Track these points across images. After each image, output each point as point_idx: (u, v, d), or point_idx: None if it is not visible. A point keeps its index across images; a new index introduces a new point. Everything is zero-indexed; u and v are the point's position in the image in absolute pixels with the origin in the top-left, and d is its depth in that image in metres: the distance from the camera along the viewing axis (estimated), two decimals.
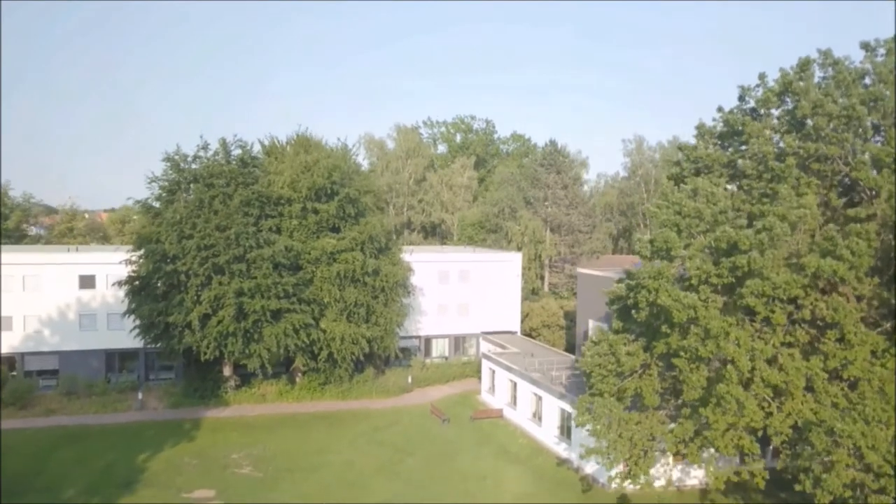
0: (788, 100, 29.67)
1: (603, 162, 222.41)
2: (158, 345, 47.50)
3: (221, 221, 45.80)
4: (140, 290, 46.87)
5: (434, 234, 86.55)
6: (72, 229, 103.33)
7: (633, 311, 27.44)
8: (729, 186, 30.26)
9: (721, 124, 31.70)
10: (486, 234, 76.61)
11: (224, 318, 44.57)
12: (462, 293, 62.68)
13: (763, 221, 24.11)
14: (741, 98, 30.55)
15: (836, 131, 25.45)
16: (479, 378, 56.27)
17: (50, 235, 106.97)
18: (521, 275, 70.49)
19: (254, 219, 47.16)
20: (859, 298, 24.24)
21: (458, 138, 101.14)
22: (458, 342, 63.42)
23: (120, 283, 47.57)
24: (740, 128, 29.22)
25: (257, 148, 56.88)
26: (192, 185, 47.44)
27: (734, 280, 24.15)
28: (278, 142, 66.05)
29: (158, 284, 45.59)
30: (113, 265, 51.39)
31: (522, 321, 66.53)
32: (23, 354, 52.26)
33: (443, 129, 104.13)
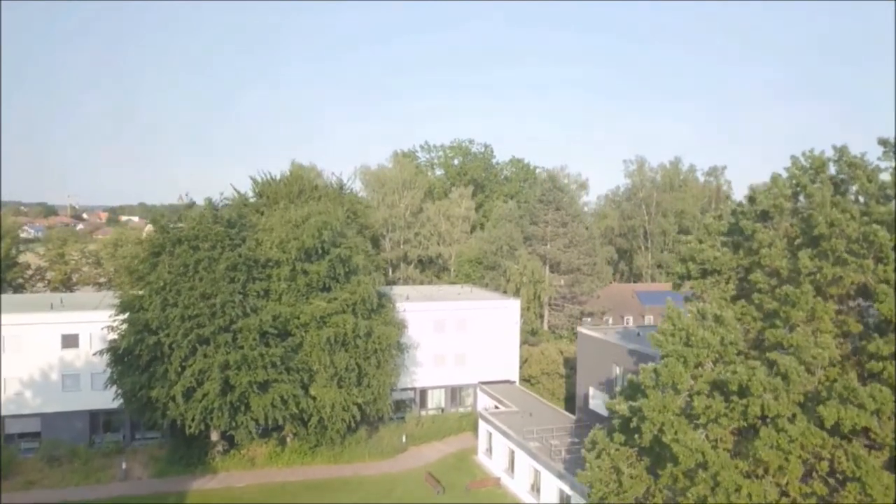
0: (802, 198, 27.84)
1: (602, 164, 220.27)
2: (142, 416, 45.78)
3: (206, 289, 43.97)
4: (122, 357, 45.09)
5: (431, 265, 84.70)
6: (63, 255, 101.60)
7: (636, 435, 25.66)
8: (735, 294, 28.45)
9: (730, 217, 29.92)
10: (485, 270, 74.80)
11: (209, 392, 42.81)
12: (459, 343, 60.88)
13: (775, 357, 22.32)
14: (751, 199, 28.69)
15: (856, 256, 23.63)
16: (476, 433, 54.56)
17: (45, 244, 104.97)
18: (521, 314, 68.72)
19: (240, 284, 45.31)
20: (881, 446, 22.48)
21: (456, 163, 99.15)
22: (455, 393, 61.65)
23: (102, 352, 45.78)
24: (750, 233, 27.36)
25: (248, 184, 55.50)
26: (176, 248, 45.55)
27: (745, 423, 22.41)
28: (272, 178, 64.50)
29: (141, 354, 43.77)
30: (97, 323, 49.67)
31: (521, 366, 64.80)
32: (3, 417, 50.50)
33: (440, 153, 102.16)
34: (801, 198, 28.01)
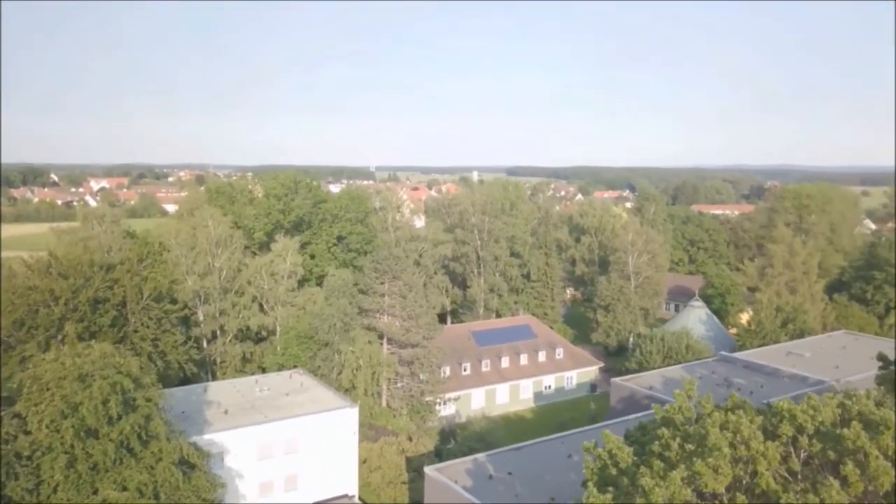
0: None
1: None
2: None
3: None
4: None
5: (253, 336, 75.37)
6: None
7: None
8: None
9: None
10: (317, 347, 67.27)
11: None
12: (289, 465, 53.54)
13: None
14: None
15: None
16: None
17: None
18: (358, 399, 62.92)
19: None
20: None
21: (278, 200, 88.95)
22: None
23: None
24: None
25: None
26: None
27: None
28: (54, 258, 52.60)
29: None
30: None
31: (361, 464, 59.01)
32: None
33: (253, 175, 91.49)
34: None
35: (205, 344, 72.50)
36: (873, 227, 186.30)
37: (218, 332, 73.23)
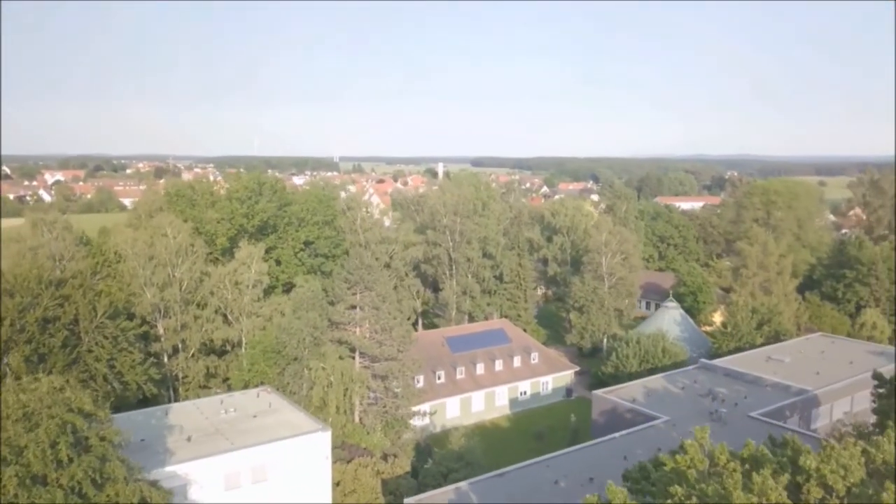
0: None
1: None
2: None
3: None
4: None
5: (217, 350, 71.56)
6: None
7: None
8: None
9: None
10: (286, 363, 63.92)
11: None
12: (258, 494, 50.30)
13: None
14: None
15: None
16: None
17: None
18: (329, 418, 60.16)
19: None
20: None
21: (242, 203, 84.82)
22: None
23: None
24: None
25: None
26: None
27: None
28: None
29: None
30: None
31: (335, 487, 56.13)
32: None
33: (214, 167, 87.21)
34: None
35: (165, 359, 68.47)
36: (833, 219, 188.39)
37: (180, 347, 69.23)
